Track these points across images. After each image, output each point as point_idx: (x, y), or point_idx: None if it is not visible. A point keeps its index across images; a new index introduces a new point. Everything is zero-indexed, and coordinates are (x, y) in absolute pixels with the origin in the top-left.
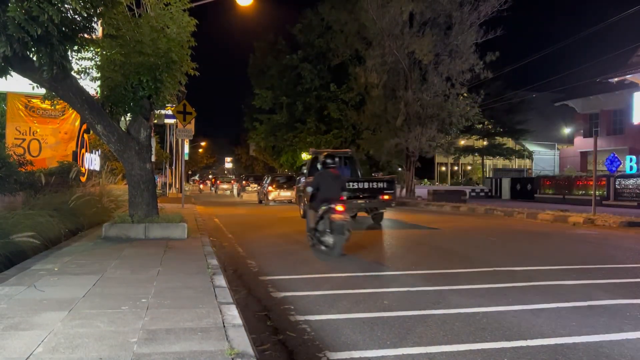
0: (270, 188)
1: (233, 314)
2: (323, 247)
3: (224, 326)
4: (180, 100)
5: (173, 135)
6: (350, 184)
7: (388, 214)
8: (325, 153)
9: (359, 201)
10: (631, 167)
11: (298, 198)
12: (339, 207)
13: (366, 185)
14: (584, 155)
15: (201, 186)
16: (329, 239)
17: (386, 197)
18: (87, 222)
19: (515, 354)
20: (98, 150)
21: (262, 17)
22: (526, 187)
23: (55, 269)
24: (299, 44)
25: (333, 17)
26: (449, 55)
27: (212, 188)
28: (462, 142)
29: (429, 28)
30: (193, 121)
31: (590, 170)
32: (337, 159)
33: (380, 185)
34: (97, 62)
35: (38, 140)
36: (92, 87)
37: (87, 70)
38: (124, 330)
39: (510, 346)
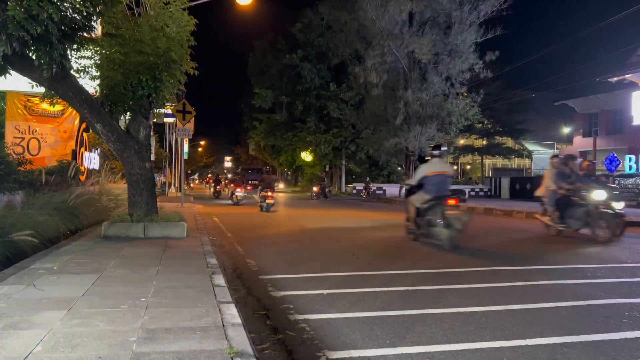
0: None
1: (232, 313)
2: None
3: (223, 325)
4: (179, 99)
5: (172, 134)
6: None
7: (386, 215)
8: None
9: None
10: (630, 167)
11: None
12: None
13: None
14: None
15: (191, 184)
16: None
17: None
18: (86, 221)
19: (514, 353)
20: (97, 149)
21: (262, 17)
22: (526, 187)
23: (55, 268)
24: (299, 44)
25: (333, 17)
26: (449, 54)
27: (207, 186)
28: (462, 142)
29: (428, 27)
30: (192, 120)
31: None
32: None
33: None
34: (97, 61)
35: (37, 139)
36: (91, 86)
37: (87, 69)
38: (123, 329)
39: (509, 345)
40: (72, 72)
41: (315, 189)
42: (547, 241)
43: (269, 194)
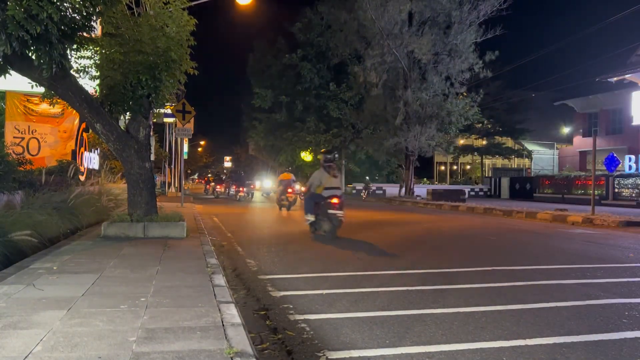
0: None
1: (232, 313)
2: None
3: (223, 325)
4: (179, 99)
5: (172, 134)
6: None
7: (385, 215)
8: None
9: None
10: (630, 167)
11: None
12: (335, 200)
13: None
14: (583, 154)
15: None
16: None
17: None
18: (86, 221)
19: (513, 353)
20: (97, 149)
21: (261, 17)
22: (525, 187)
23: (54, 268)
24: (299, 43)
25: (332, 17)
26: (449, 54)
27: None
28: (462, 142)
29: (428, 27)
30: (192, 120)
31: (589, 169)
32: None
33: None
34: (96, 61)
35: (37, 139)
36: (91, 85)
37: (86, 69)
38: (123, 329)
39: (509, 345)
40: (71, 72)
41: (303, 188)
42: (546, 241)
43: (241, 189)
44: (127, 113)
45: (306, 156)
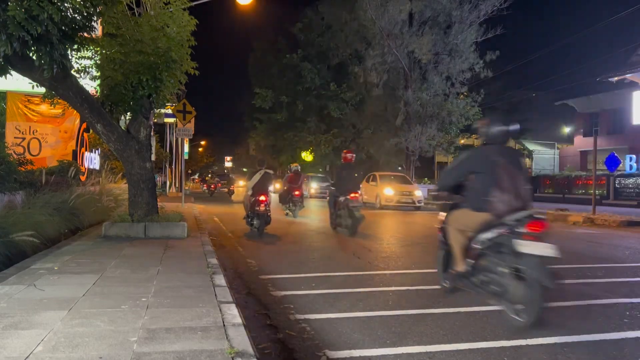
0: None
1: (233, 313)
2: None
3: (224, 325)
4: (180, 99)
5: (173, 134)
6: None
7: (386, 215)
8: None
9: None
10: (631, 167)
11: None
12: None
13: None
14: (583, 154)
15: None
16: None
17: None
18: (86, 221)
19: (515, 353)
20: (98, 149)
21: (262, 16)
22: None
23: (55, 268)
24: (299, 43)
25: (333, 17)
26: (449, 54)
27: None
28: (462, 141)
29: (428, 27)
30: (193, 120)
31: (590, 169)
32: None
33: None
34: (97, 61)
35: (38, 139)
36: (92, 86)
37: (87, 69)
38: (123, 329)
39: (510, 345)
40: (72, 72)
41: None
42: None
43: (214, 187)
44: (128, 113)
45: (307, 156)
